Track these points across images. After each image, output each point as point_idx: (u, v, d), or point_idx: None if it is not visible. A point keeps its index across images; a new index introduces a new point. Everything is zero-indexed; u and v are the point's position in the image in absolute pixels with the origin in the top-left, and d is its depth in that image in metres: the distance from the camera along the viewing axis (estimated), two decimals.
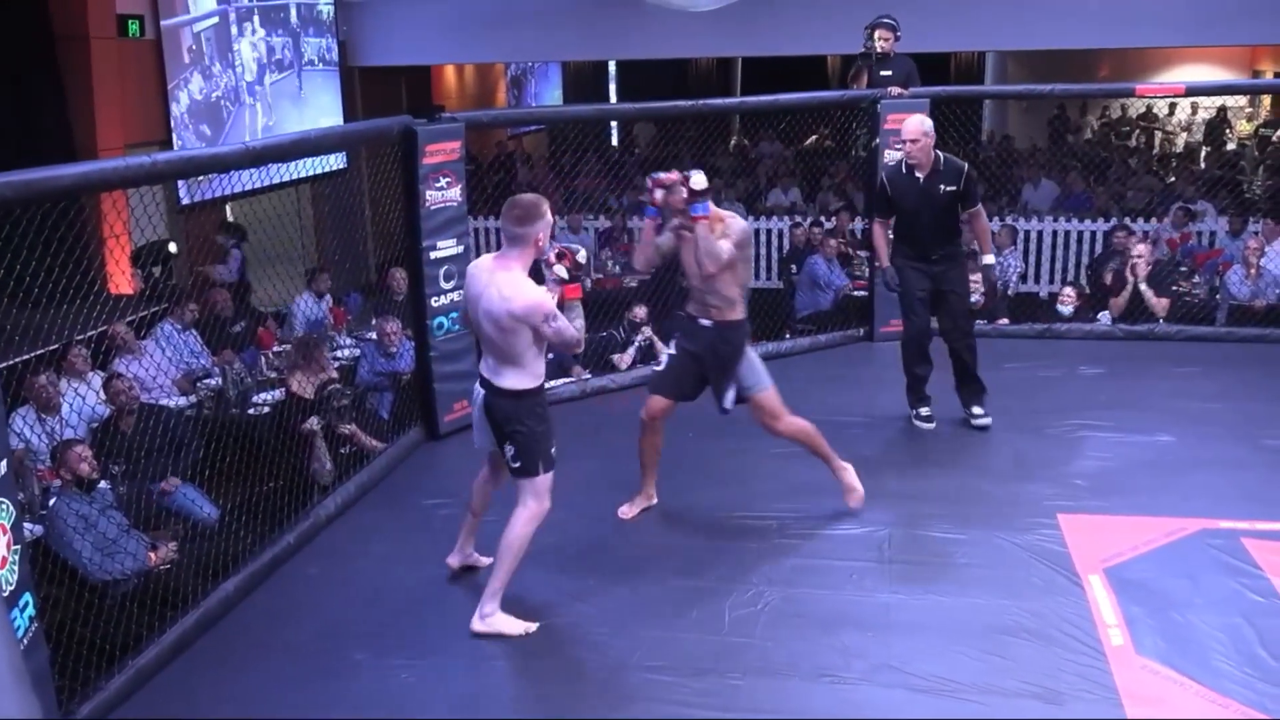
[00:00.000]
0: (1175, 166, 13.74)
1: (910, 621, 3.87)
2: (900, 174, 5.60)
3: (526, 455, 3.80)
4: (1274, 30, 11.62)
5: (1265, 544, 4.33)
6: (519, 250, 3.72)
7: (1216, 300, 8.07)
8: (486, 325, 3.74)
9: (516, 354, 3.73)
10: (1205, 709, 3.37)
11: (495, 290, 3.68)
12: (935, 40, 11.89)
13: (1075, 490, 4.88)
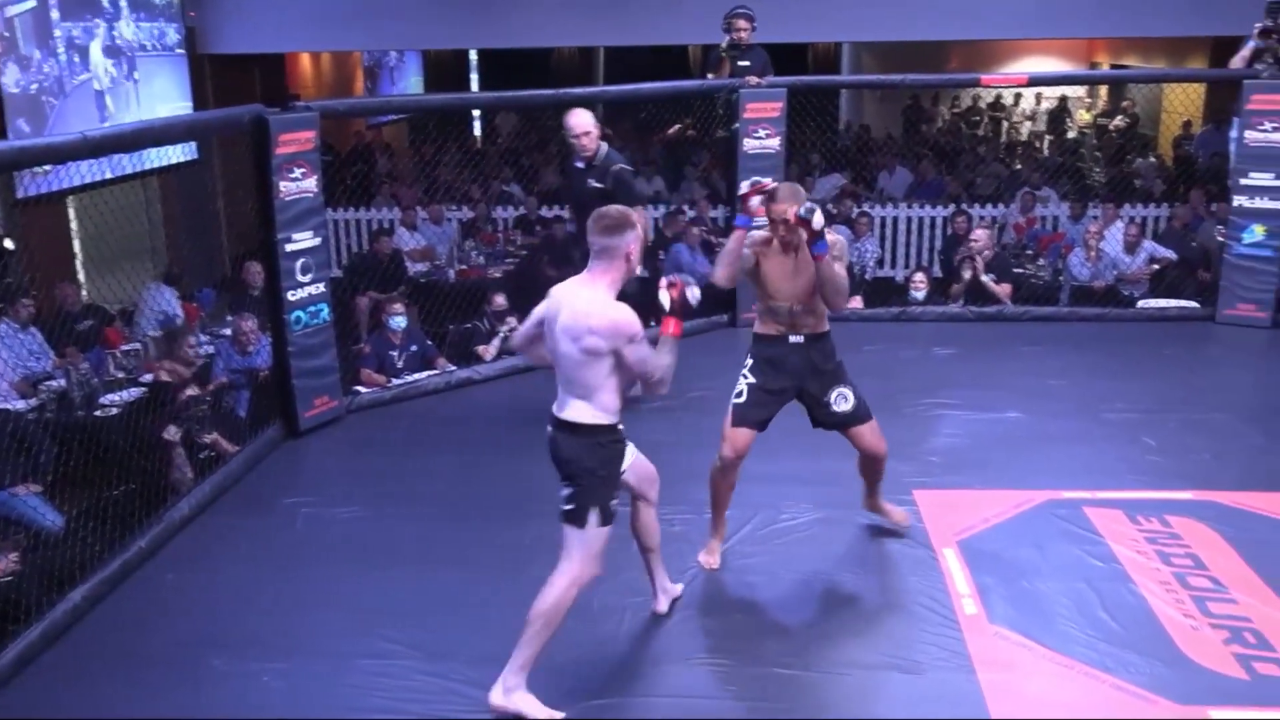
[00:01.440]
0: (1021, 154, 14.31)
1: (776, 600, 3.96)
2: (571, 165, 5.71)
3: (579, 500, 3.32)
4: (1109, 24, 12.21)
5: (1105, 512, 4.56)
6: (605, 265, 3.27)
7: (1060, 282, 8.45)
8: (563, 345, 3.28)
9: (591, 384, 3.27)
10: (1052, 670, 3.53)
11: (575, 307, 3.26)
12: (793, 31, 12.11)
13: (930, 467, 5.05)
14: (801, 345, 4.14)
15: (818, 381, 4.16)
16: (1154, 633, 3.71)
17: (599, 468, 3.32)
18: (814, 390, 4.17)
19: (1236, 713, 3.31)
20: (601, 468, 3.33)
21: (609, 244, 3.26)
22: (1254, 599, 3.89)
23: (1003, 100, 17.40)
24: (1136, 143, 14.78)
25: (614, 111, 16.24)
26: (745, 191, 4.15)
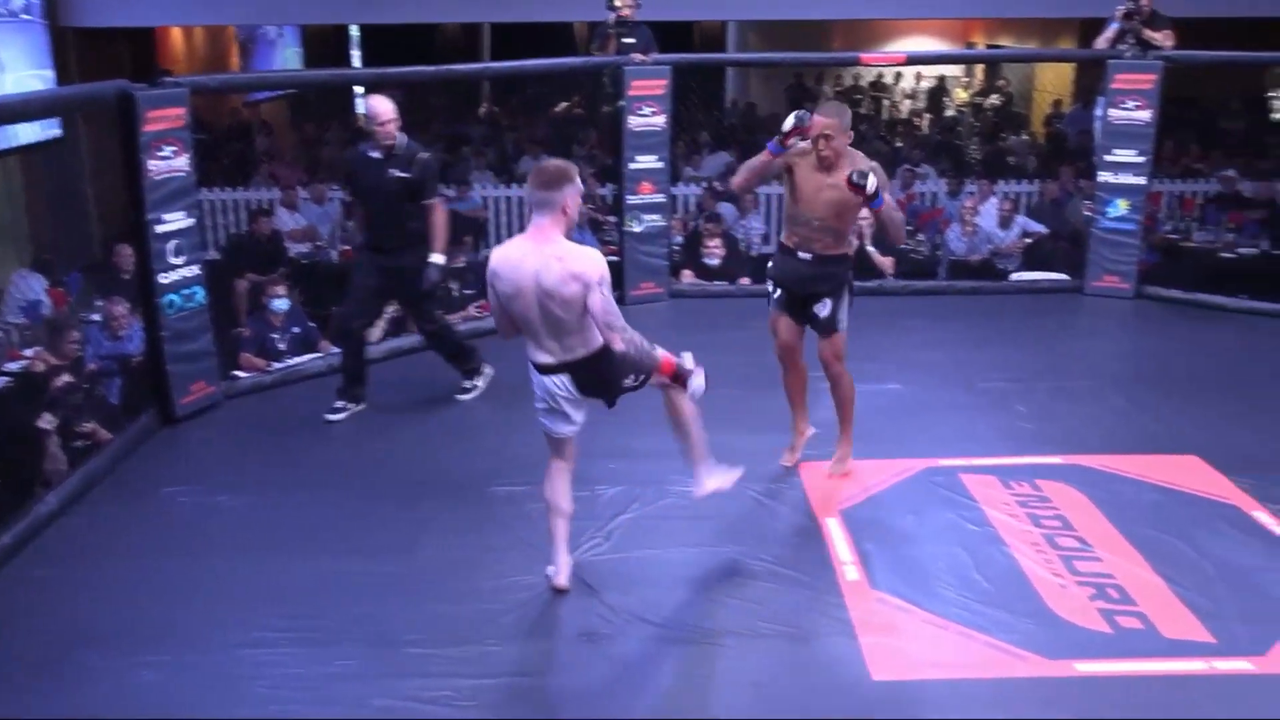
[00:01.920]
0: (902, 132, 14.62)
1: (665, 575, 3.99)
2: (359, 154, 5.41)
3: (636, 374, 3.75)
4: (985, 4, 12.56)
5: (979, 478, 4.72)
6: (551, 218, 3.45)
7: (938, 256, 8.67)
8: (549, 303, 3.45)
9: (580, 330, 3.53)
10: (929, 632, 3.65)
11: (551, 261, 3.42)
12: (679, 9, 12.16)
13: (815, 440, 5.12)
14: (809, 262, 4.50)
15: (813, 293, 4.57)
16: (1024, 592, 3.86)
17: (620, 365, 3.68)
18: (810, 300, 4.60)
19: (1100, 664, 3.46)
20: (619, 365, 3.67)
21: (548, 197, 3.41)
22: (1117, 556, 4.08)
23: (884, 79, 17.73)
24: (1010, 121, 15.24)
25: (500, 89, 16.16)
26: (789, 130, 4.29)
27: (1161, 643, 3.57)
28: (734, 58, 14.77)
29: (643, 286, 7.36)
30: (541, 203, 3.44)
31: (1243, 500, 4.51)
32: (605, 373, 3.65)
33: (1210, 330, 6.85)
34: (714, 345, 6.51)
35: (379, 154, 5.29)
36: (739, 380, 5.90)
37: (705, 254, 7.90)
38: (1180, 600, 3.79)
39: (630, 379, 3.75)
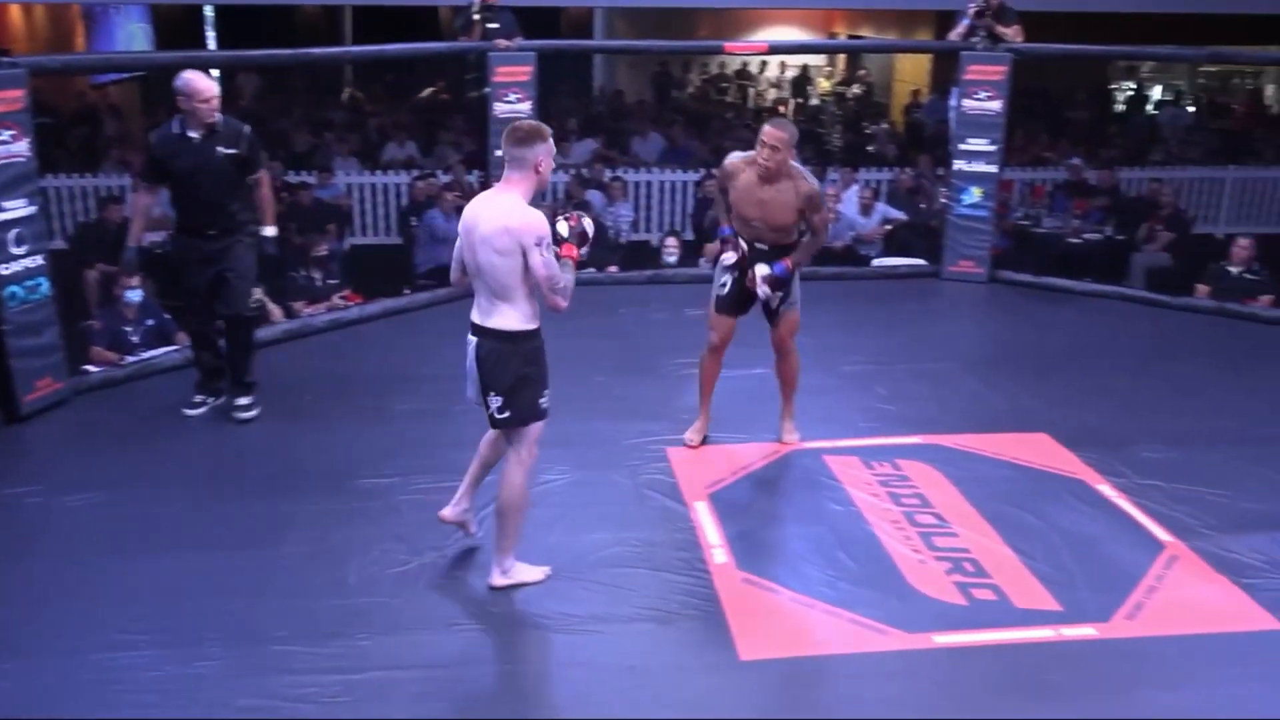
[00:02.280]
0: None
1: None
2: (173, 135, 5.01)
3: (514, 405, 3.64)
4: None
5: (842, 459, 4.85)
6: (520, 174, 3.54)
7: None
8: (481, 253, 3.53)
9: (509, 287, 3.54)
10: (795, 611, 3.73)
11: (490, 214, 3.52)
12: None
13: (684, 425, 5.18)
14: (766, 253, 4.69)
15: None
16: (886, 568, 3.99)
17: (526, 369, 3.62)
18: None
19: (957, 636, 3.59)
20: (528, 367, 3.63)
21: (521, 154, 3.51)
22: (972, 532, 4.24)
23: (749, 68, 17.97)
24: (871, 110, 15.63)
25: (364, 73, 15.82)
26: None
27: (1013, 613, 3.73)
28: (600, 44, 14.77)
29: None
30: (514, 159, 3.53)
31: (1088, 475, 4.74)
32: (496, 358, 3.61)
33: (1058, 312, 7.17)
34: (582, 332, 6.57)
35: (199, 133, 4.95)
36: (607, 367, 5.96)
37: None
38: (1030, 572, 3.96)
39: (497, 400, 3.64)
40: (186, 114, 4.94)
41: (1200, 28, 13.44)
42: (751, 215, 4.65)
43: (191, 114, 4.92)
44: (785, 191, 4.55)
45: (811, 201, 4.58)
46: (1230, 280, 7.33)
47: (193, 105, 4.90)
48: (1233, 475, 4.71)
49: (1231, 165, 11.37)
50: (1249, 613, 3.74)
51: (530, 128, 3.58)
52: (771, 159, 4.50)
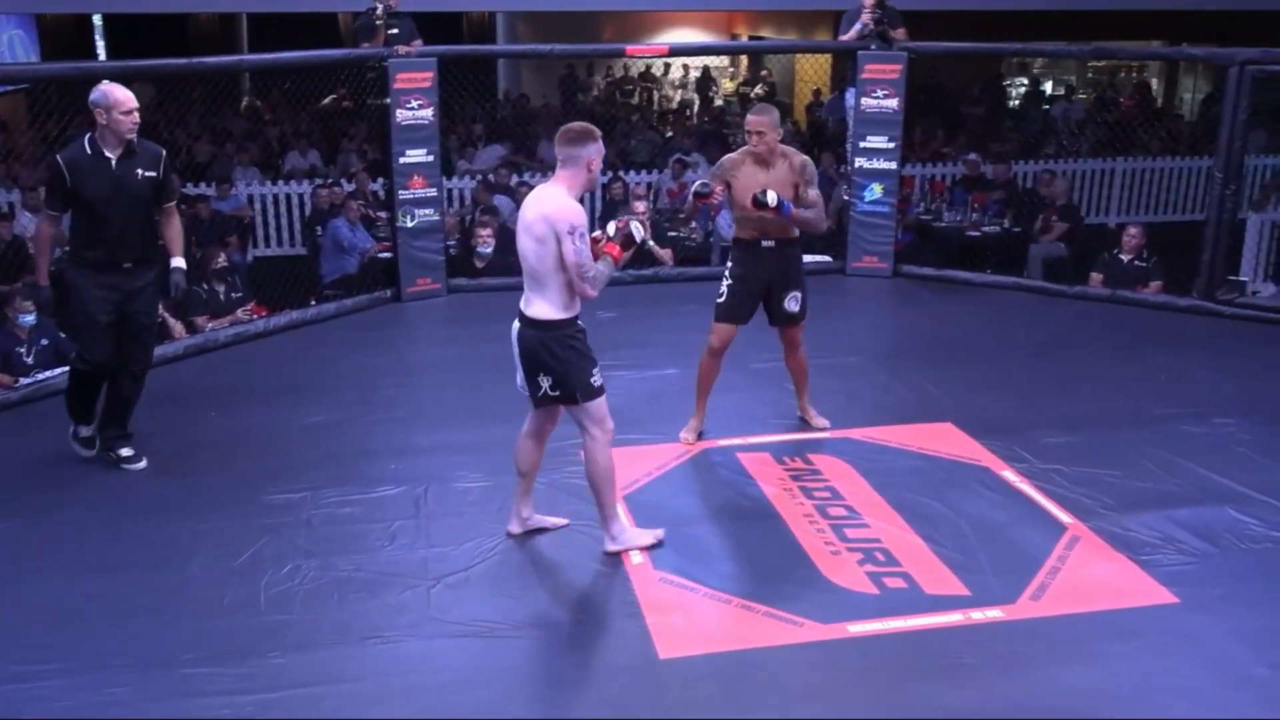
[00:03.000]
0: (672, 121, 14.94)
1: (451, 570, 3.97)
2: (85, 155, 4.51)
3: (563, 384, 3.86)
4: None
5: (755, 455, 4.91)
6: (570, 171, 3.77)
7: (710, 243, 8.92)
8: (523, 240, 3.80)
9: (545, 275, 3.76)
10: (712, 607, 3.77)
11: (534, 203, 3.78)
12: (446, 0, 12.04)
13: None
14: (774, 249, 4.87)
15: (782, 284, 4.91)
16: (800, 562, 4.05)
17: (565, 353, 3.82)
18: (777, 291, 4.91)
19: (870, 625, 3.66)
20: (566, 351, 3.83)
21: (574, 153, 3.75)
22: (883, 522, 4.33)
23: (653, 70, 18.06)
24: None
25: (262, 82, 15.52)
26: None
27: (924, 599, 3.81)
28: (502, 49, 14.73)
29: (419, 283, 7.26)
30: (567, 157, 3.76)
31: (992, 461, 4.86)
32: (537, 344, 3.84)
33: (960, 304, 7.35)
34: (497, 337, 6.54)
35: (116, 153, 4.52)
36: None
37: (477, 243, 7.85)
38: (939, 558, 4.06)
39: (548, 380, 3.88)
40: (101, 130, 4.49)
41: (1088, 24, 13.91)
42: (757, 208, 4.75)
43: (108, 129, 4.48)
44: (781, 170, 4.78)
45: (805, 171, 4.80)
46: (1121, 268, 7.59)
47: (112, 118, 4.46)
48: (1128, 456, 4.88)
49: (1121, 157, 11.76)
50: (1146, 588, 3.87)
51: (583, 128, 3.81)
52: (762, 143, 4.74)
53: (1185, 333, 6.73)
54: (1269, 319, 6.91)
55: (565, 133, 3.81)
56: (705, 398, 5.12)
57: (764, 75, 17.44)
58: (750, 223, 4.86)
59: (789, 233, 4.87)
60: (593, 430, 3.94)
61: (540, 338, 3.83)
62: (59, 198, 4.57)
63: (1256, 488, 4.58)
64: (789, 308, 4.96)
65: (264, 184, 10.68)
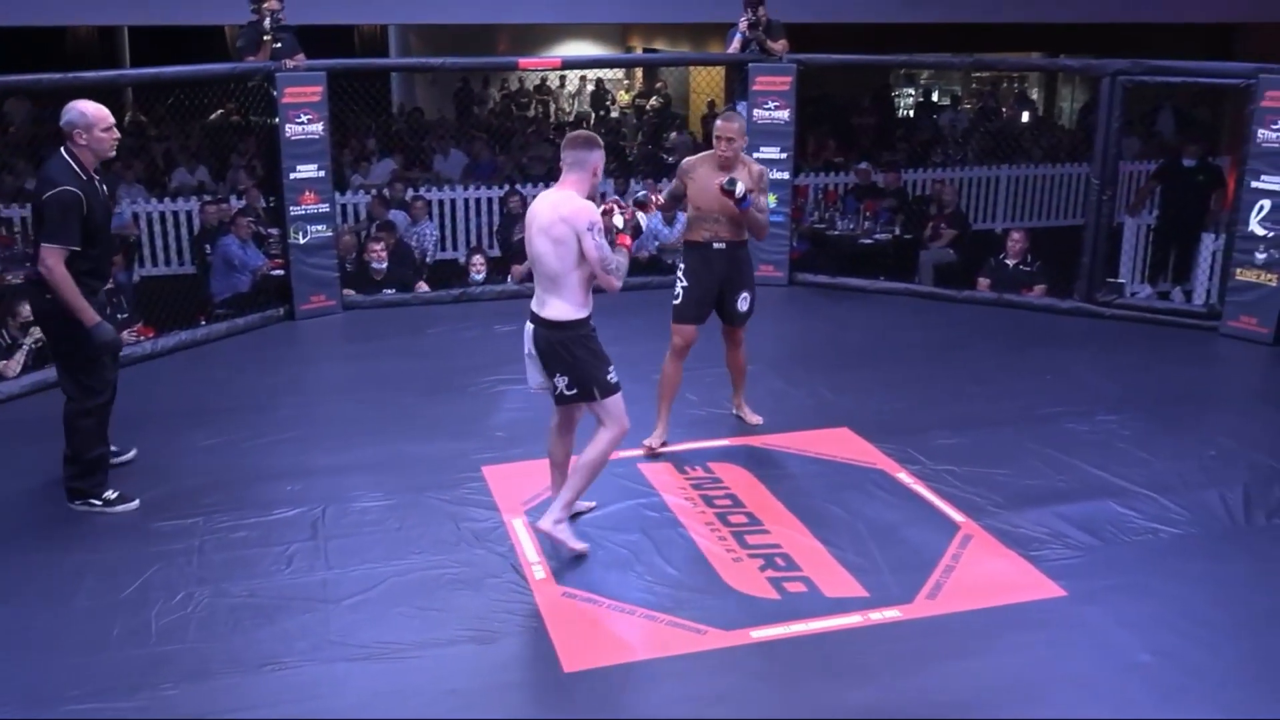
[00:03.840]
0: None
1: (349, 593, 3.90)
2: (84, 181, 4.36)
3: (579, 382, 4.02)
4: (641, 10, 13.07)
5: (656, 465, 4.95)
6: (577, 175, 3.96)
7: None
8: (538, 243, 3.94)
9: (560, 275, 3.92)
10: (616, 619, 3.77)
11: (548, 206, 3.94)
12: (338, 13, 11.86)
13: (497, 442, 5.18)
14: (724, 251, 5.02)
15: (732, 285, 5.08)
16: (702, 570, 4.08)
17: (583, 352, 3.99)
18: (729, 292, 5.08)
19: (772, 629, 3.70)
20: (582, 350, 4.00)
21: (581, 158, 3.96)
22: (782, 527, 4.38)
23: (549, 83, 18.06)
24: (670, 121, 15.93)
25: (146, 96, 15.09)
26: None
27: (824, 602, 3.87)
28: (393, 62, 14.54)
29: (313, 300, 7.13)
30: (574, 162, 3.97)
31: (888, 464, 4.96)
32: (555, 345, 4.00)
33: (853, 311, 7.49)
34: (390, 353, 6.51)
35: (95, 175, 4.41)
36: (417, 388, 5.90)
37: (371, 258, 7.75)
38: (838, 561, 4.12)
39: (564, 380, 4.04)
40: (80, 150, 4.34)
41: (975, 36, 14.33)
42: (712, 206, 4.94)
43: (87, 149, 4.34)
44: (740, 175, 4.89)
45: (763, 179, 5.03)
46: (1007, 273, 7.82)
47: (93, 136, 4.33)
48: (1017, 455, 5.03)
49: (1005, 164, 12.13)
50: (1036, 582, 3.99)
51: (588, 136, 4.07)
52: (730, 149, 4.90)
53: (1068, 333, 6.97)
54: (1145, 319, 7.19)
55: (573, 140, 4.03)
56: (669, 403, 5.19)
57: (659, 87, 17.57)
58: (703, 225, 5.02)
59: (739, 236, 5.04)
60: (609, 425, 4.10)
61: (557, 339, 3.99)
62: (80, 231, 4.30)
63: (1137, 482, 4.76)
64: (740, 307, 5.13)
65: (150, 201, 10.38)
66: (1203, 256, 8.28)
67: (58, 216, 4.25)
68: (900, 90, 18.04)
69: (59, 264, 4.25)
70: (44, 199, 4.28)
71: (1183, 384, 6.08)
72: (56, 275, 4.24)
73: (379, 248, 7.76)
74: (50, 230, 4.26)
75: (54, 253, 4.24)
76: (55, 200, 4.25)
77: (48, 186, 4.29)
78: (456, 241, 10.73)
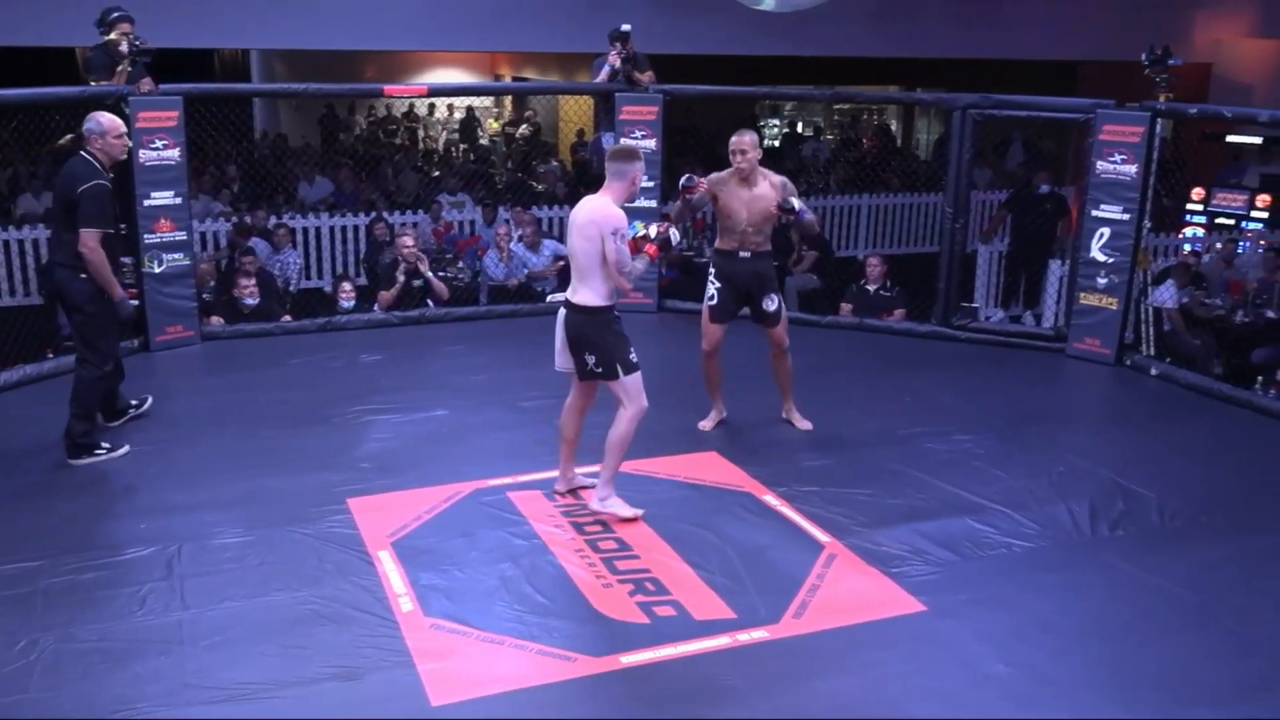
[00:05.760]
0: (438, 161, 14.84)
1: (207, 633, 3.76)
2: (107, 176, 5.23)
3: (605, 361, 4.56)
4: (509, 39, 13.08)
5: (526, 494, 4.91)
6: (618, 184, 4.55)
7: (479, 282, 8.90)
8: (574, 239, 4.54)
9: (590, 269, 4.50)
10: (485, 650, 3.73)
11: (587, 207, 4.55)
12: (194, 36, 11.53)
13: (363, 473, 5.09)
14: (750, 259, 5.58)
15: (759, 289, 5.60)
16: (572, 597, 4.06)
17: (609, 335, 4.56)
18: (756, 296, 5.61)
19: (642, 654, 3.71)
20: (611, 335, 4.57)
21: (624, 169, 4.55)
22: (652, 552, 4.40)
23: (417, 110, 17.92)
24: (540, 149, 15.97)
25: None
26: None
27: (693, 625, 3.89)
28: (253, 88, 14.24)
29: (169, 331, 6.89)
30: (617, 172, 4.55)
31: (755, 487, 5.04)
32: (583, 326, 4.56)
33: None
34: (253, 385, 6.34)
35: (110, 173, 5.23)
36: (281, 421, 5.76)
37: (240, 294, 7.55)
38: (707, 584, 4.16)
39: (591, 357, 4.58)
40: (96, 153, 5.12)
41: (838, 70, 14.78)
42: (739, 215, 5.49)
43: (103, 152, 5.14)
44: (763, 187, 5.46)
45: (786, 188, 5.50)
46: (868, 298, 8.06)
47: (107, 142, 5.15)
48: (879, 475, 5.17)
49: (865, 194, 12.51)
50: (898, 599, 4.10)
51: (630, 149, 4.73)
52: (745, 160, 5.40)
53: (926, 356, 7.20)
54: (998, 341, 7.49)
55: (616, 153, 4.64)
56: (717, 390, 5.78)
57: (529, 115, 17.60)
58: (732, 235, 5.56)
59: (765, 245, 5.60)
60: (628, 404, 4.60)
61: (586, 321, 4.55)
62: (111, 216, 5.18)
63: (991, 498, 4.94)
64: (767, 307, 5.61)
65: None
66: (1050, 282, 8.67)
67: (94, 204, 5.04)
68: (766, 121, 18.46)
69: (98, 245, 5.06)
70: (80, 191, 5.02)
71: (1033, 404, 6.35)
72: (97, 255, 5.06)
73: (249, 284, 7.56)
74: (89, 216, 5.03)
75: (94, 235, 5.04)
76: (91, 191, 5.04)
77: (81, 181, 5.04)
78: (322, 270, 10.53)
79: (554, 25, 12.36)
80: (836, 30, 12.29)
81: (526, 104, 17.90)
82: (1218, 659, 3.77)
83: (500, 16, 12.10)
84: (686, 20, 12.09)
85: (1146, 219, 6.97)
